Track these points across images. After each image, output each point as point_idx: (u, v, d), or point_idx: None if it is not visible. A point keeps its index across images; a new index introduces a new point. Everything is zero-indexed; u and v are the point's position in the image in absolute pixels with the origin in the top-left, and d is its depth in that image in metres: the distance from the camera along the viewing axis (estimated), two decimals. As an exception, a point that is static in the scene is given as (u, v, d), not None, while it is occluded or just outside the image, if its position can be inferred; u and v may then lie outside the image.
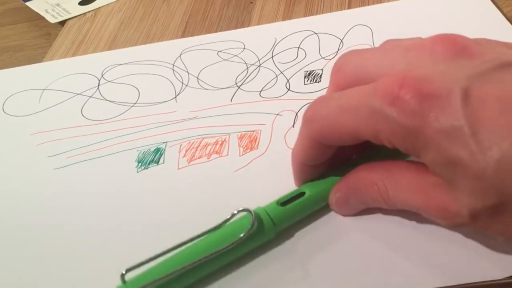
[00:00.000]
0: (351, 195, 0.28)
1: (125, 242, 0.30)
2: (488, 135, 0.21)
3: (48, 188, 0.35)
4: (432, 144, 0.22)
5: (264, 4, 0.48)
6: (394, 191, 0.25)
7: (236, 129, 0.36)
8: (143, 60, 0.43)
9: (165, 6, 0.50)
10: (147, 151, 0.36)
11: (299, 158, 0.29)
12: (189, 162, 0.34)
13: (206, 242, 0.27)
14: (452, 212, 0.23)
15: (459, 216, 0.23)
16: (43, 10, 0.51)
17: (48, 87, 0.42)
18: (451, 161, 0.22)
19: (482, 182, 0.21)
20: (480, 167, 0.21)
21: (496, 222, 0.22)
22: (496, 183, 0.21)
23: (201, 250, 0.27)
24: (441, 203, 0.23)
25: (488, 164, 0.21)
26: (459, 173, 0.22)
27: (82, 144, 0.37)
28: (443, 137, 0.21)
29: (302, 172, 0.29)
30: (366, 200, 0.27)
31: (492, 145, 0.20)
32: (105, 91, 0.41)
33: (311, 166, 0.29)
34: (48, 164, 0.36)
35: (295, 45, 0.42)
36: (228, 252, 0.27)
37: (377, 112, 0.23)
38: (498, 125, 0.21)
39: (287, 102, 0.38)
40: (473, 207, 0.22)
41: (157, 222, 0.31)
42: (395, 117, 0.22)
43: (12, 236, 0.32)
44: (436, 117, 0.21)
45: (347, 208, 0.29)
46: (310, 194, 0.29)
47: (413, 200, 0.25)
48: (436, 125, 0.21)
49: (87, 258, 0.30)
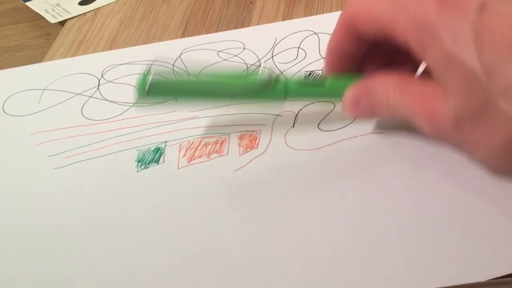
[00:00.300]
0: (362, 95, 0.30)
1: (125, 242, 0.31)
2: (491, 44, 0.22)
3: (48, 187, 0.35)
4: (438, 40, 0.24)
5: (264, 4, 0.48)
6: (399, 94, 0.28)
7: (236, 129, 0.36)
8: (143, 60, 0.43)
9: (165, 6, 0.50)
10: (146, 150, 0.36)
11: (330, 44, 0.31)
12: (189, 162, 0.34)
13: (226, 74, 0.31)
14: (439, 114, 0.25)
15: (443, 119, 0.25)
16: (43, 10, 0.51)
17: (48, 87, 0.42)
18: (450, 60, 0.24)
19: (472, 81, 0.23)
20: (474, 69, 0.23)
21: (478, 130, 0.24)
22: (483, 82, 0.23)
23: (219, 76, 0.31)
24: (432, 107, 0.26)
25: (481, 66, 0.22)
26: (454, 73, 0.24)
27: (81, 144, 0.37)
28: (449, 35, 0.23)
29: (331, 61, 0.32)
30: (373, 102, 0.29)
31: (492, 54, 0.22)
32: (105, 91, 0.41)
33: (339, 59, 0.31)
34: (48, 163, 0.36)
35: (295, 45, 0.42)
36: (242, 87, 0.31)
37: (400, 5, 0.26)
38: (503, 37, 0.22)
39: (286, 103, 0.37)
40: (459, 107, 0.24)
41: (158, 221, 0.31)
42: (413, 9, 0.25)
43: (12, 236, 0.32)
44: (449, 16, 0.24)
45: (356, 109, 0.30)
46: (330, 82, 0.31)
47: (411, 105, 0.27)
48: (446, 23, 0.24)
49: (87, 257, 0.30)
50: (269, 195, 0.32)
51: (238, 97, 0.31)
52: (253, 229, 0.30)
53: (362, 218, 0.30)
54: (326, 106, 0.37)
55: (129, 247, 0.30)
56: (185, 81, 0.31)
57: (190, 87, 0.31)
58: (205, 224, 0.31)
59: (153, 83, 0.30)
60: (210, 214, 0.31)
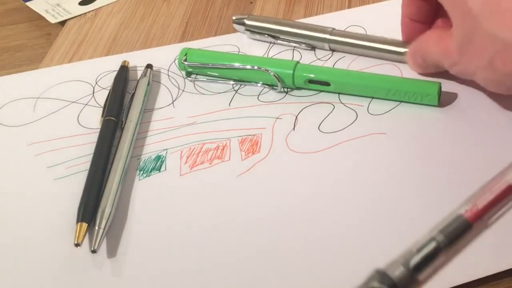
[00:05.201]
0: (416, 51, 0.37)
1: (130, 250, 0.31)
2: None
3: (49, 199, 0.34)
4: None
5: (264, 4, 0.48)
6: (433, 45, 0.34)
7: (236, 134, 0.36)
8: (137, 66, 0.42)
9: (165, 6, 0.50)
10: (147, 159, 0.36)
11: (403, 11, 0.37)
12: (191, 168, 0.34)
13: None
14: (450, 48, 0.32)
15: (452, 52, 0.32)
16: (43, 10, 0.51)
17: (41, 96, 0.41)
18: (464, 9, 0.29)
19: (468, 13, 0.29)
20: (470, 3, 0.29)
21: (473, 53, 0.30)
22: (475, 12, 0.28)
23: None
24: (446, 45, 0.32)
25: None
26: (457, 9, 0.30)
27: (81, 154, 0.36)
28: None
29: (406, 27, 0.38)
30: (421, 55, 0.36)
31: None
32: (101, 98, 0.40)
33: (413, 22, 0.37)
34: (47, 175, 0.35)
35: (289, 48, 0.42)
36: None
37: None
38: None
39: (286, 105, 0.38)
40: (459, 37, 0.31)
41: (162, 229, 0.31)
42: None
43: (13, 249, 0.32)
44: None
45: (415, 63, 0.38)
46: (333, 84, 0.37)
47: (437, 50, 0.34)
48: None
49: (89, 267, 0.30)
50: (274, 200, 0.32)
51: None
52: (259, 234, 0.30)
53: (366, 219, 0.30)
54: (325, 107, 0.37)
55: (133, 256, 0.31)
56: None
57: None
58: (210, 229, 0.31)
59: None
60: (215, 220, 0.31)
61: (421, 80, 0.36)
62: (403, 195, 0.31)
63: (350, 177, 0.33)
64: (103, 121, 0.37)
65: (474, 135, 0.34)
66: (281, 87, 0.38)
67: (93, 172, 0.34)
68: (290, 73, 0.38)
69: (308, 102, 0.38)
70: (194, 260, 0.30)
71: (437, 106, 0.35)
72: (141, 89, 0.39)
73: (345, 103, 0.37)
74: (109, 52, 0.45)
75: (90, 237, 0.31)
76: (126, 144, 0.35)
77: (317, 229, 0.30)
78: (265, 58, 0.41)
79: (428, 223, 0.29)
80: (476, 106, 0.35)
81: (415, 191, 0.31)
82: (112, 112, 0.38)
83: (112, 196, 0.32)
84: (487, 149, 0.33)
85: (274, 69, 0.38)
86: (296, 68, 0.38)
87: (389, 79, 0.37)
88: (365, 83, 0.37)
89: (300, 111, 0.37)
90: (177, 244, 0.31)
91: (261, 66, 0.38)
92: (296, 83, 0.38)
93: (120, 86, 0.40)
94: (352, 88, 0.37)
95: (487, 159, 0.32)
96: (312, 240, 0.30)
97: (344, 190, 0.32)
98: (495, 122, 0.34)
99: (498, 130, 0.34)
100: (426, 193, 0.31)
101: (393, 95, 0.36)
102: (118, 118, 0.37)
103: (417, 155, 0.33)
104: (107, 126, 0.37)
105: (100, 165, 0.34)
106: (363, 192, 0.32)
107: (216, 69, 0.40)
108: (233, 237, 0.31)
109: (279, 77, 0.38)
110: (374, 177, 0.32)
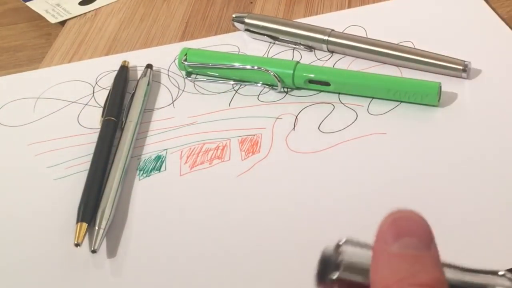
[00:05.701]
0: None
1: (130, 250, 0.31)
2: None
3: (49, 199, 0.34)
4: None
5: (264, 4, 0.48)
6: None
7: (236, 134, 0.36)
8: (137, 66, 0.42)
9: (165, 6, 0.50)
10: (147, 159, 0.36)
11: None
12: (191, 168, 0.34)
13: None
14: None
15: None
16: (43, 10, 0.51)
17: (41, 96, 0.41)
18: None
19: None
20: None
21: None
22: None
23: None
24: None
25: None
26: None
27: (81, 154, 0.36)
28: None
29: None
30: None
31: None
32: (101, 98, 0.40)
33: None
34: (48, 174, 0.35)
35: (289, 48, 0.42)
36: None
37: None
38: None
39: (286, 105, 0.38)
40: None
41: (162, 229, 0.31)
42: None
43: (13, 249, 0.32)
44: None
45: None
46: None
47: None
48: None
49: (89, 267, 0.30)
50: (274, 199, 0.32)
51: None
52: (260, 234, 0.30)
53: (366, 219, 0.30)
54: (325, 107, 0.37)
55: (134, 257, 0.31)
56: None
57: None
58: (211, 230, 0.31)
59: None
60: (215, 220, 0.31)
61: (421, 80, 0.36)
62: (403, 195, 0.31)
63: (350, 177, 0.33)
64: (103, 121, 0.37)
65: (474, 135, 0.34)
66: (281, 87, 0.38)
67: (93, 172, 0.34)
68: (290, 73, 0.38)
69: (308, 102, 0.38)
70: (194, 260, 0.30)
71: (437, 106, 0.35)
72: (141, 89, 0.39)
73: (345, 103, 0.37)
74: (109, 52, 0.45)
75: (90, 237, 0.31)
76: (126, 144, 0.35)
77: (317, 229, 0.30)
78: (265, 58, 0.41)
79: (428, 223, 0.29)
80: (476, 106, 0.35)
81: (415, 191, 0.31)
82: (112, 112, 0.38)
83: (112, 196, 0.32)
84: (487, 149, 0.33)
85: (274, 69, 0.38)
86: (296, 68, 0.38)
87: (389, 79, 0.37)
88: (365, 83, 0.37)
89: (300, 111, 0.37)
90: (177, 244, 0.31)
91: (261, 66, 0.38)
92: (296, 83, 0.38)
93: (120, 86, 0.40)
94: (352, 88, 0.37)
95: (487, 159, 0.32)
96: (312, 239, 0.30)
97: (344, 190, 0.32)
98: (495, 122, 0.34)
99: (498, 130, 0.34)
100: (426, 193, 0.31)
101: (393, 95, 0.36)
102: (118, 118, 0.37)
103: (417, 155, 0.33)
104: (107, 126, 0.37)
105: (100, 165, 0.34)
106: (363, 192, 0.32)
107: (216, 69, 0.40)
108: (233, 237, 0.31)
109: (279, 77, 0.38)
110: (374, 177, 0.32)
